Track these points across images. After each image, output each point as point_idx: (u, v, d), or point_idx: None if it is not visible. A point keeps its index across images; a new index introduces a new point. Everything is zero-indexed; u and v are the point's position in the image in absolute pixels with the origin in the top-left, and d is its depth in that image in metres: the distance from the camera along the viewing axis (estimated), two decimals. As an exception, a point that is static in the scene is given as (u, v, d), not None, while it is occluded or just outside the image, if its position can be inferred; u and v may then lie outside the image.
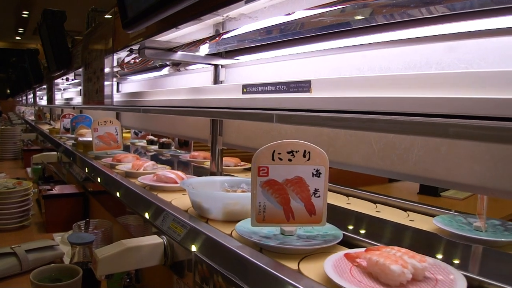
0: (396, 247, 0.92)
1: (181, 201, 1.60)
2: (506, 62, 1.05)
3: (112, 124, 2.74)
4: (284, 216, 1.09)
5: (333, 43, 1.44)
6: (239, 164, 2.38)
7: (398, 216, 1.34)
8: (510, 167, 0.98)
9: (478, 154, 1.04)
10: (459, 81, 0.98)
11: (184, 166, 2.67)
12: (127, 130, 4.28)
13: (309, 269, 0.94)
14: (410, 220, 1.27)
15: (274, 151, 1.06)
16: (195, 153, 2.69)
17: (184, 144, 3.13)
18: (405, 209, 1.40)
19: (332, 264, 0.93)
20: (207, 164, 2.37)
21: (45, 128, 6.07)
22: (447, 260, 0.74)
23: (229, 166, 2.31)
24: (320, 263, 0.94)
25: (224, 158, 2.19)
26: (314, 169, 1.08)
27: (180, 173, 1.91)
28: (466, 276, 0.85)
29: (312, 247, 1.05)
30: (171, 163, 2.81)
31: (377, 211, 1.39)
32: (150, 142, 3.54)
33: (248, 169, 2.21)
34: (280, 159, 1.07)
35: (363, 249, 0.95)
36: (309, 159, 1.07)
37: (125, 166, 2.27)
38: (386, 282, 0.83)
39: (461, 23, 1.06)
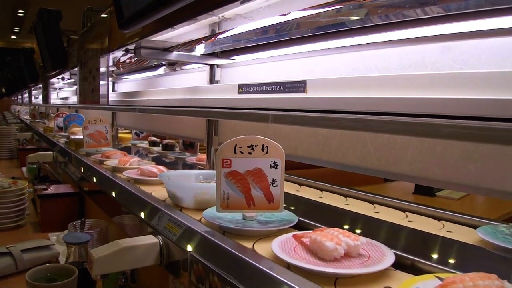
0: (336, 228, 1.02)
1: (160, 192, 1.70)
2: (499, 62, 1.05)
3: (102, 122, 2.84)
4: (245, 203, 1.21)
5: (329, 43, 1.44)
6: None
7: (395, 217, 1.34)
8: (505, 167, 0.99)
9: (473, 154, 1.05)
10: (454, 82, 0.98)
11: (190, 169, 2.52)
12: (127, 131, 4.24)
13: (262, 248, 1.07)
14: (409, 221, 1.27)
15: (236, 145, 1.18)
16: (202, 156, 2.52)
17: (189, 146, 2.95)
18: (403, 210, 1.40)
19: (280, 243, 1.05)
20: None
21: (40, 126, 6.06)
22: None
23: (202, 161, 2.26)
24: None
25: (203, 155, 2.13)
26: (272, 161, 1.19)
27: (162, 167, 2.03)
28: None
29: (267, 229, 1.18)
30: (175, 166, 2.77)
31: (375, 212, 1.40)
32: (153, 144, 3.37)
33: None
34: (241, 152, 1.19)
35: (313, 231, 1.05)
36: (267, 152, 1.19)
37: (112, 162, 2.37)
38: (323, 257, 0.94)
39: (456, 24, 1.06)
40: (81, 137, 2.92)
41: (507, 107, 0.81)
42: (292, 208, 1.40)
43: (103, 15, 2.99)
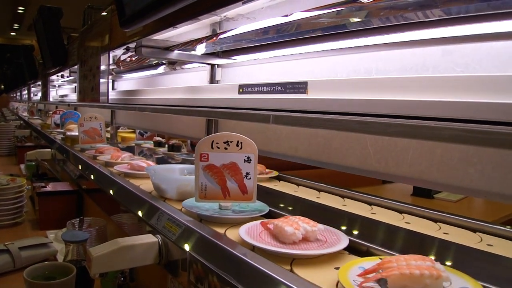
0: (299, 216, 1.10)
1: (148, 185, 1.76)
2: (500, 66, 1.06)
3: (97, 120, 2.93)
4: (221, 194, 1.31)
5: (330, 45, 1.45)
6: (264, 171, 1.91)
7: (391, 218, 1.34)
8: (504, 171, 0.99)
9: (472, 157, 1.05)
10: (454, 85, 0.98)
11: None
12: (130, 130, 4.20)
13: (232, 233, 1.16)
14: (406, 223, 1.27)
15: (213, 141, 1.29)
16: None
17: None
18: (400, 211, 1.40)
19: (247, 229, 1.14)
20: None
21: (37, 123, 6.06)
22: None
23: None
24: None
25: None
26: (246, 156, 1.29)
27: (151, 162, 2.11)
28: None
29: (239, 217, 1.27)
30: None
31: (372, 213, 1.40)
32: (158, 144, 3.17)
33: (275, 178, 1.87)
34: (218, 147, 1.29)
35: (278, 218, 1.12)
36: (241, 148, 1.29)
37: (105, 157, 2.43)
38: (283, 241, 1.03)
39: (457, 27, 1.07)
40: (77, 133, 2.99)
41: (508, 111, 0.81)
42: (290, 208, 1.40)
43: (103, 13, 2.99)
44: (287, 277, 0.86)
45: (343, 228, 1.20)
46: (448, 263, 0.92)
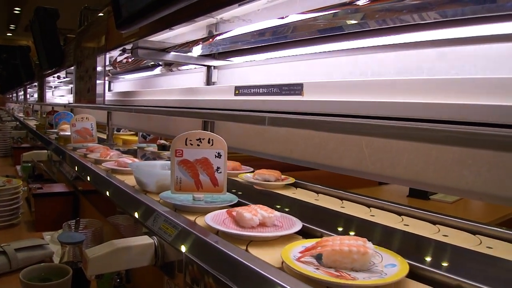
0: (260, 205, 1.21)
1: (132, 180, 1.85)
2: (495, 68, 1.06)
3: (88, 120, 3.05)
4: (195, 186, 1.44)
5: (326, 47, 1.45)
6: (279, 178, 1.83)
7: (390, 220, 1.34)
8: (499, 173, 1.00)
9: (467, 159, 1.06)
10: (449, 87, 0.99)
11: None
12: (132, 133, 4.15)
13: (201, 220, 1.27)
14: (405, 225, 1.27)
15: (187, 138, 1.42)
16: None
17: None
18: (399, 213, 1.40)
19: (213, 216, 1.27)
20: (243, 177, 1.88)
21: (33, 123, 6.07)
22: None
23: (269, 181, 1.81)
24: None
25: (261, 171, 1.84)
26: (217, 152, 1.42)
27: (136, 160, 2.24)
28: None
29: (210, 206, 1.40)
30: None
31: (371, 215, 1.40)
32: (162, 147, 3.04)
33: (291, 185, 1.80)
34: (191, 144, 1.42)
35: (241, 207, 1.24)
36: (212, 144, 1.42)
37: (95, 155, 2.56)
38: (243, 225, 1.16)
39: (452, 30, 1.07)
40: (69, 133, 3.08)
41: (503, 113, 0.82)
42: (287, 209, 1.40)
43: (100, 14, 2.98)
44: (240, 255, 1.00)
45: (340, 229, 1.20)
46: (445, 264, 0.93)
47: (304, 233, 1.16)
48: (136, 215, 1.50)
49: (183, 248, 1.15)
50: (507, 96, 0.87)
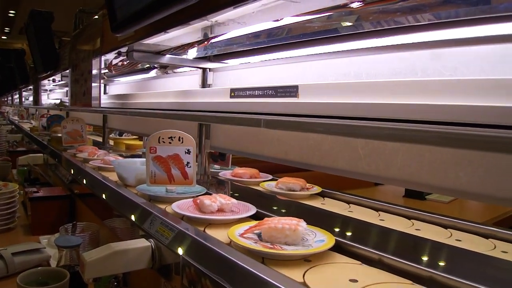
0: (221, 194, 1.42)
1: (115, 177, 2.03)
2: (488, 70, 1.07)
3: (78, 122, 3.33)
4: (167, 180, 1.64)
5: (321, 49, 1.46)
6: (304, 187, 1.72)
7: (400, 224, 1.32)
8: (492, 173, 1.01)
9: (462, 159, 1.07)
10: (443, 88, 1.00)
11: (223, 187, 1.97)
12: (135, 137, 4.05)
13: (170, 209, 1.46)
14: (416, 229, 1.26)
15: (160, 137, 1.63)
16: (240, 170, 2.06)
17: (219, 157, 2.46)
18: (408, 217, 1.38)
19: (180, 203, 1.48)
20: (265, 186, 1.80)
21: (27, 126, 6.12)
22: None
23: (294, 191, 1.70)
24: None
25: (285, 180, 1.74)
26: (186, 149, 1.63)
27: (120, 158, 2.47)
28: None
29: (180, 196, 1.60)
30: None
31: (380, 219, 1.38)
32: None
33: (318, 194, 1.71)
34: (164, 142, 1.63)
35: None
36: (182, 142, 1.63)
37: (83, 154, 2.79)
38: (203, 211, 1.37)
39: (446, 31, 1.08)
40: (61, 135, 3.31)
41: (497, 114, 0.82)
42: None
43: (95, 17, 2.98)
44: (199, 235, 1.18)
45: (348, 233, 1.21)
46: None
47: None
48: (132, 217, 1.51)
49: (180, 251, 1.16)
50: (500, 97, 0.88)
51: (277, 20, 1.30)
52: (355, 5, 1.07)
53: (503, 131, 0.77)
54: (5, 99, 13.51)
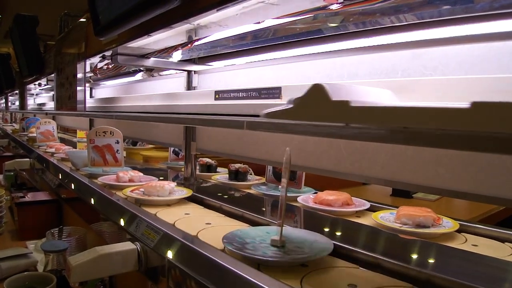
0: (134, 170, 2.04)
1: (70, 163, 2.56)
2: (467, 69, 1.09)
3: (50, 123, 3.90)
4: (103, 162, 2.25)
5: (304, 50, 1.47)
6: (436, 222, 1.30)
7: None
8: (475, 171, 1.02)
9: (443, 158, 1.08)
10: (423, 88, 1.01)
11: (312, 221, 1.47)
12: (153, 146, 3.51)
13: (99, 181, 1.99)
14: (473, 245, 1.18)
15: (96, 131, 2.25)
16: (328, 196, 1.56)
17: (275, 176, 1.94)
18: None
19: (106, 177, 2.05)
20: (378, 219, 1.35)
21: (9, 128, 6.45)
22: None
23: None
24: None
25: (408, 211, 1.32)
26: (116, 140, 2.27)
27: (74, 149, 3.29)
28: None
29: (111, 175, 2.09)
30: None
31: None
32: (207, 168, 2.36)
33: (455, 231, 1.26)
34: (99, 135, 2.25)
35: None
36: (113, 135, 2.26)
37: (51, 150, 3.34)
38: (119, 181, 1.96)
39: (426, 31, 1.09)
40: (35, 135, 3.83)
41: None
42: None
43: (80, 20, 2.97)
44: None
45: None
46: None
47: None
48: (121, 222, 1.51)
49: (166, 253, 1.16)
50: (480, 95, 0.89)
51: (259, 23, 1.31)
52: (334, 7, 1.08)
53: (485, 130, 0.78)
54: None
